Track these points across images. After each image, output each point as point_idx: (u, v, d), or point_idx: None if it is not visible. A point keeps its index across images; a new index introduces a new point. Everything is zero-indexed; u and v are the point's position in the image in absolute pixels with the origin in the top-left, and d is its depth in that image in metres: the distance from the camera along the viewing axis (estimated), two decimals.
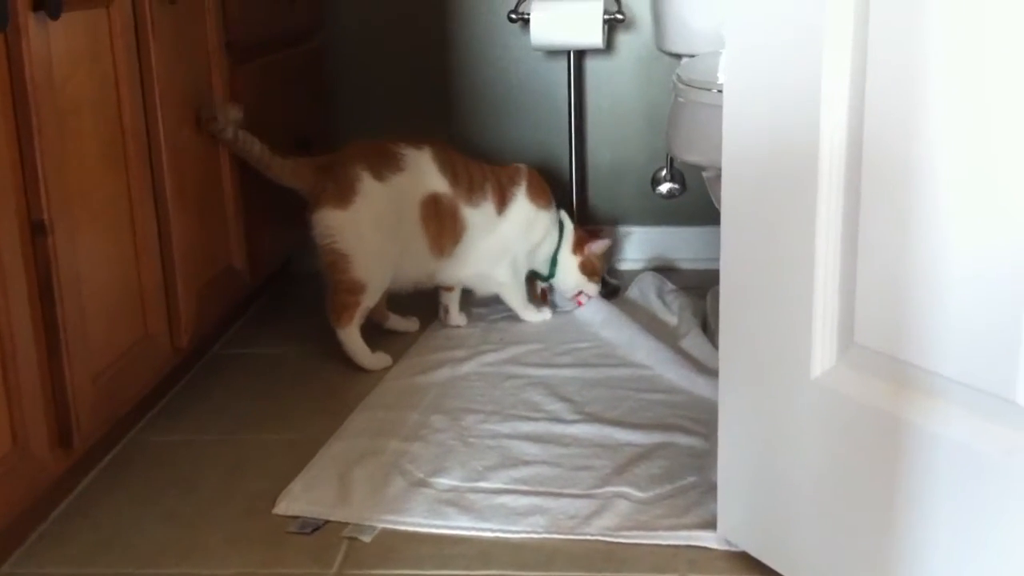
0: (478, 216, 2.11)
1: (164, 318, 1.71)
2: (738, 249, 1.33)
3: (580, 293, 2.27)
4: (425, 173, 2.06)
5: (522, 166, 2.22)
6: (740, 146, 1.28)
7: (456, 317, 2.23)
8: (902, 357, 1.15)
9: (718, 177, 1.34)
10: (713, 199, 1.90)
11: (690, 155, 1.87)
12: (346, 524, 1.52)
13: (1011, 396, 1.04)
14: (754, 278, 1.31)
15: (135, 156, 1.62)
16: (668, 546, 1.43)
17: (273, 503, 1.57)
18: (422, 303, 2.23)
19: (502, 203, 2.15)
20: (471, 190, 2.10)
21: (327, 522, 1.52)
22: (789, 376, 1.28)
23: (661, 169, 2.53)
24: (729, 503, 1.41)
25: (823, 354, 1.25)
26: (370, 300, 2.03)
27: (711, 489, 1.45)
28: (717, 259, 1.35)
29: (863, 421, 1.20)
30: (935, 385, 1.12)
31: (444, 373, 1.99)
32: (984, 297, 1.05)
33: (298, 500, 1.58)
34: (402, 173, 2.04)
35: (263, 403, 1.92)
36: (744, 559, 1.39)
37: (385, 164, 2.03)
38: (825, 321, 1.24)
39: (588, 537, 1.47)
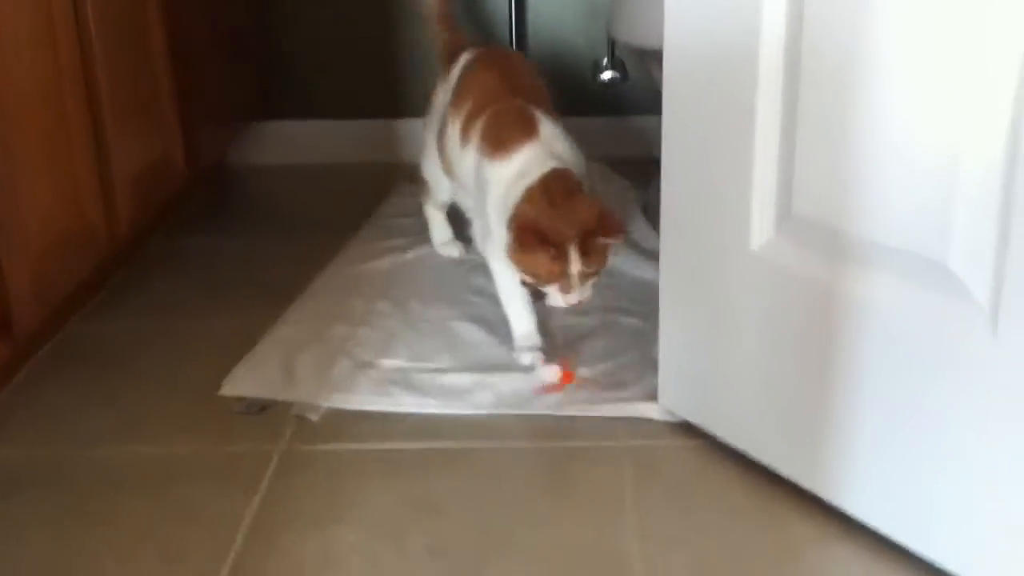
0: None
1: (100, 205, 1.68)
2: (679, 125, 1.33)
3: None
4: None
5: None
6: (682, 23, 1.28)
7: None
8: (838, 226, 1.17)
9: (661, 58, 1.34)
10: (656, 81, 1.90)
11: (633, 37, 1.86)
12: (293, 404, 1.53)
13: (943, 260, 1.07)
14: (695, 153, 1.32)
15: (65, 41, 1.57)
16: (611, 418, 1.46)
17: (218, 387, 1.57)
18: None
19: None
20: None
21: (274, 402, 1.53)
22: (728, 249, 1.30)
23: (602, 58, 2.52)
24: (670, 375, 1.44)
25: (761, 226, 1.27)
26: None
27: (652, 365, 1.48)
28: (658, 148, 1.35)
29: (799, 291, 1.23)
30: (869, 254, 1.15)
31: (388, 261, 1.98)
32: (919, 165, 1.08)
33: (243, 382, 1.58)
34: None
35: (204, 293, 1.90)
36: (685, 428, 1.43)
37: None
38: (764, 194, 1.25)
39: (533, 412, 1.50)
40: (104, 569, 1.21)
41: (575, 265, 1.43)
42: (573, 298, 1.47)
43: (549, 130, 1.57)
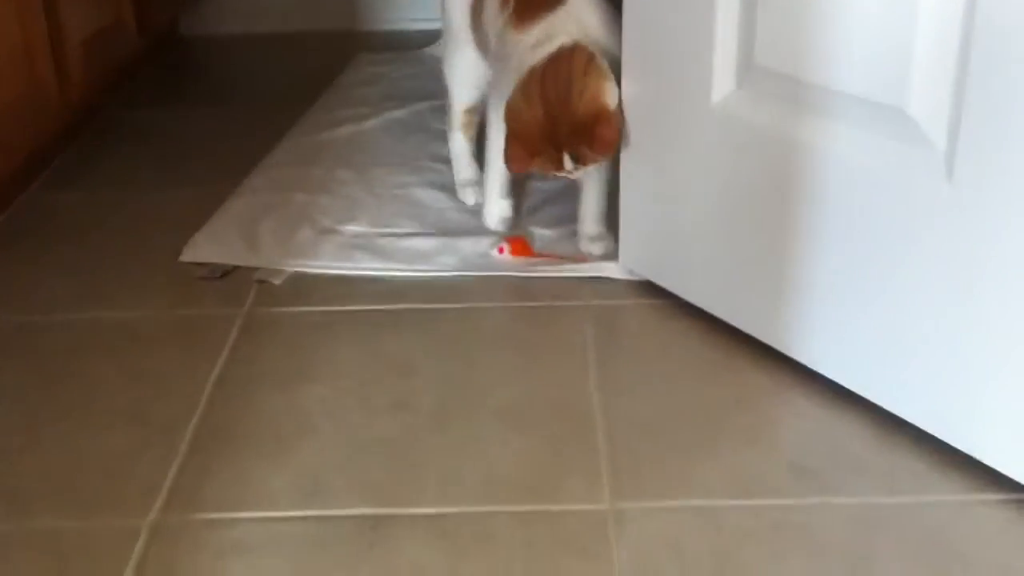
0: None
1: (52, 69, 1.64)
2: None
3: None
4: None
5: None
6: None
7: None
8: (799, 76, 1.17)
9: None
10: None
11: None
12: (255, 269, 1.52)
13: (902, 106, 1.07)
14: (656, 6, 1.30)
15: None
16: (574, 278, 1.47)
17: (177, 255, 1.56)
18: None
19: None
20: None
21: (236, 268, 1.53)
22: (690, 104, 1.29)
23: None
24: (631, 234, 1.45)
25: (723, 79, 1.26)
26: None
27: (613, 226, 1.49)
28: None
29: (760, 143, 1.23)
30: (830, 103, 1.15)
31: (347, 129, 1.96)
32: (878, 11, 1.07)
33: (204, 248, 1.57)
34: None
35: (161, 164, 1.87)
36: (646, 286, 1.44)
37: None
38: (725, 45, 1.24)
39: (497, 273, 1.50)
40: (71, 432, 1.22)
41: (568, 164, 1.38)
42: (573, 175, 1.43)
43: (577, 2, 1.44)
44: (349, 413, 1.23)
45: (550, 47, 1.38)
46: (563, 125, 1.36)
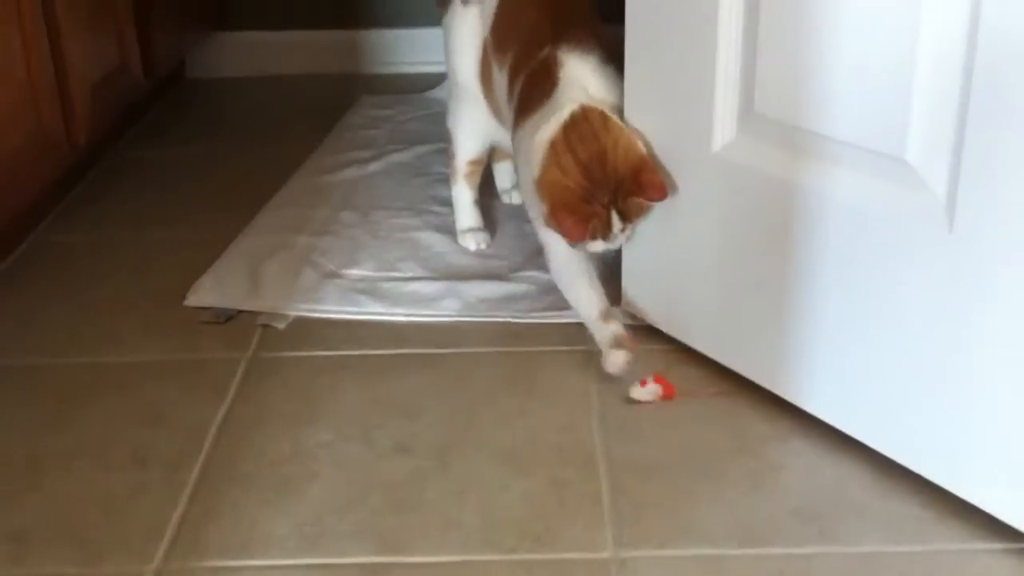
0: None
1: (59, 114, 1.65)
2: (641, 28, 1.33)
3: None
4: None
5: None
6: None
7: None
8: (798, 124, 1.18)
9: None
10: None
11: None
12: (259, 313, 1.53)
13: (901, 155, 1.09)
14: (658, 57, 1.32)
15: None
16: (575, 323, 1.47)
17: (183, 297, 1.57)
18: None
19: None
20: None
21: (240, 312, 1.54)
22: (691, 151, 1.31)
23: None
24: (633, 279, 1.46)
25: (724, 127, 1.27)
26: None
27: (616, 270, 1.50)
28: None
29: (761, 190, 1.24)
30: (829, 150, 1.16)
31: (351, 172, 1.97)
32: (878, 60, 1.08)
33: (209, 292, 1.58)
34: None
35: (167, 204, 1.89)
36: (649, 331, 1.45)
37: None
38: (726, 94, 1.26)
39: (499, 319, 1.51)
40: (76, 471, 1.22)
41: (616, 225, 1.33)
42: (616, 243, 1.37)
43: (574, 71, 1.40)
44: (352, 457, 1.24)
45: (560, 117, 1.35)
46: (607, 183, 1.31)
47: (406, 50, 2.52)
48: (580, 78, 1.40)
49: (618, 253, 1.45)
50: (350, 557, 1.09)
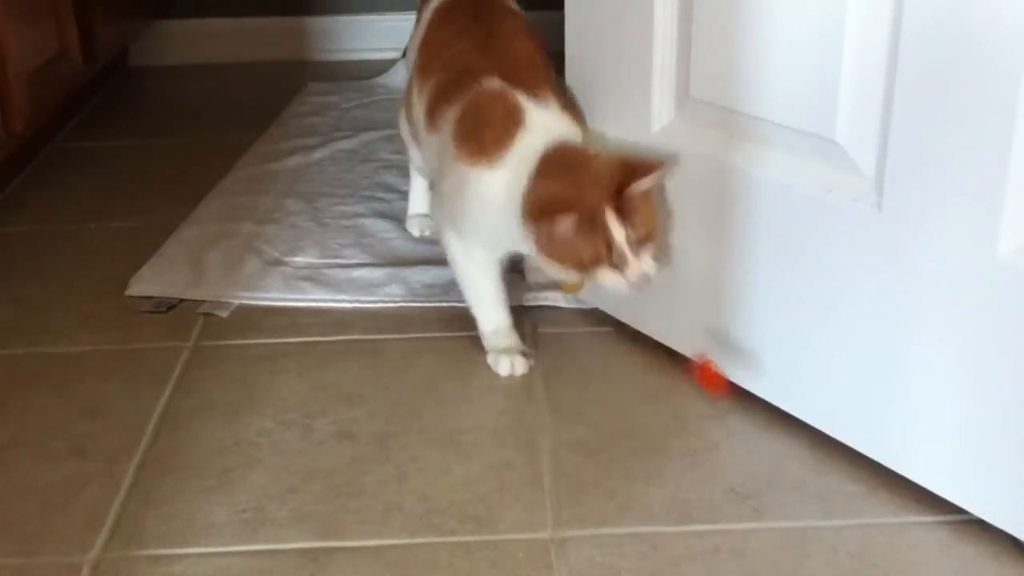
0: None
1: None
2: (580, 14, 1.34)
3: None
4: None
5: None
6: None
7: None
8: (733, 106, 1.19)
9: None
10: None
11: None
12: (201, 302, 1.52)
13: (831, 136, 1.10)
14: (596, 43, 1.33)
15: None
16: (516, 307, 1.48)
17: (124, 287, 1.55)
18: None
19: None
20: None
21: (181, 301, 1.53)
22: (629, 134, 1.32)
23: None
24: None
25: (661, 110, 1.29)
26: None
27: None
28: None
29: (698, 171, 1.25)
30: (762, 132, 1.18)
31: (296, 160, 1.96)
32: (807, 42, 1.10)
33: (151, 282, 1.57)
34: None
35: (107, 194, 1.87)
36: (594, 314, 1.46)
37: None
38: (663, 78, 1.27)
39: (444, 304, 1.51)
40: (14, 462, 1.21)
41: (618, 231, 1.19)
42: (634, 273, 1.21)
43: (542, 116, 1.28)
44: (293, 445, 1.23)
45: (538, 151, 1.24)
46: (594, 187, 1.20)
47: (352, 37, 2.51)
48: (546, 124, 1.28)
49: None
50: (291, 543, 1.09)
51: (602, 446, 1.22)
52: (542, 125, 1.28)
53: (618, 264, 1.21)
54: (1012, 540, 1.05)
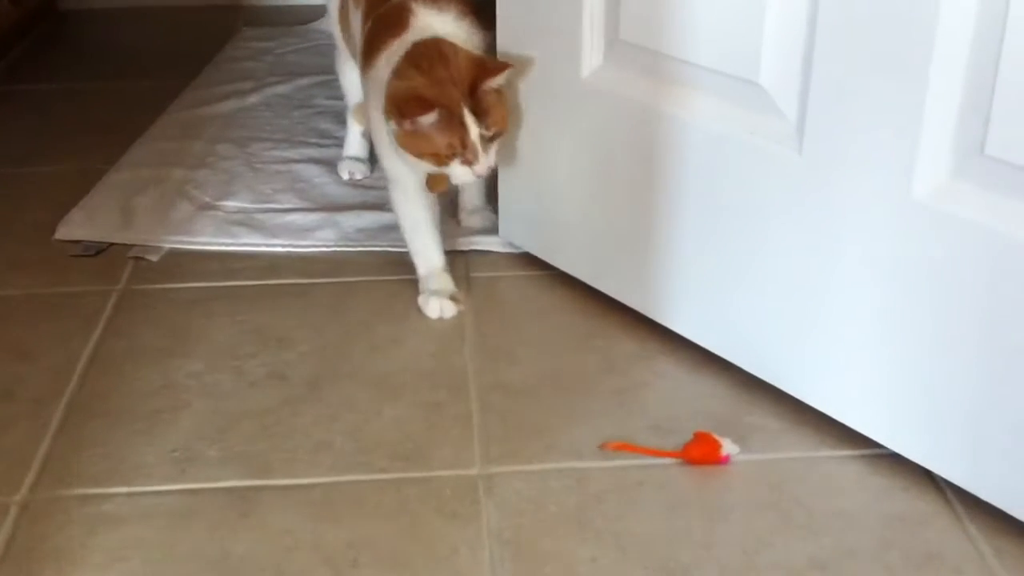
0: None
1: None
2: None
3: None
4: None
5: None
6: None
7: None
8: (661, 49, 1.20)
9: None
10: None
11: None
12: (131, 246, 1.51)
13: (755, 79, 1.12)
14: None
15: None
16: (453, 251, 1.49)
17: (52, 231, 1.54)
18: None
19: None
20: None
21: (111, 245, 1.51)
22: (561, 79, 1.32)
23: None
24: (508, 207, 1.48)
25: (591, 54, 1.29)
26: None
27: (493, 201, 1.51)
28: None
29: (627, 115, 1.26)
30: (689, 75, 1.19)
31: (230, 104, 1.94)
32: None
33: (79, 226, 1.55)
34: None
35: (37, 138, 1.84)
36: (525, 258, 1.47)
37: None
38: (592, 21, 1.28)
39: (377, 248, 1.52)
40: None
41: (473, 128, 1.26)
42: (481, 167, 1.28)
43: (427, 19, 1.33)
44: (224, 387, 1.24)
45: (403, 47, 1.29)
46: (452, 81, 1.25)
47: None
48: (429, 26, 1.33)
49: (493, 184, 1.47)
50: (220, 482, 1.09)
51: (531, 387, 1.24)
52: (424, 27, 1.31)
53: (470, 159, 1.28)
54: (923, 471, 1.09)
